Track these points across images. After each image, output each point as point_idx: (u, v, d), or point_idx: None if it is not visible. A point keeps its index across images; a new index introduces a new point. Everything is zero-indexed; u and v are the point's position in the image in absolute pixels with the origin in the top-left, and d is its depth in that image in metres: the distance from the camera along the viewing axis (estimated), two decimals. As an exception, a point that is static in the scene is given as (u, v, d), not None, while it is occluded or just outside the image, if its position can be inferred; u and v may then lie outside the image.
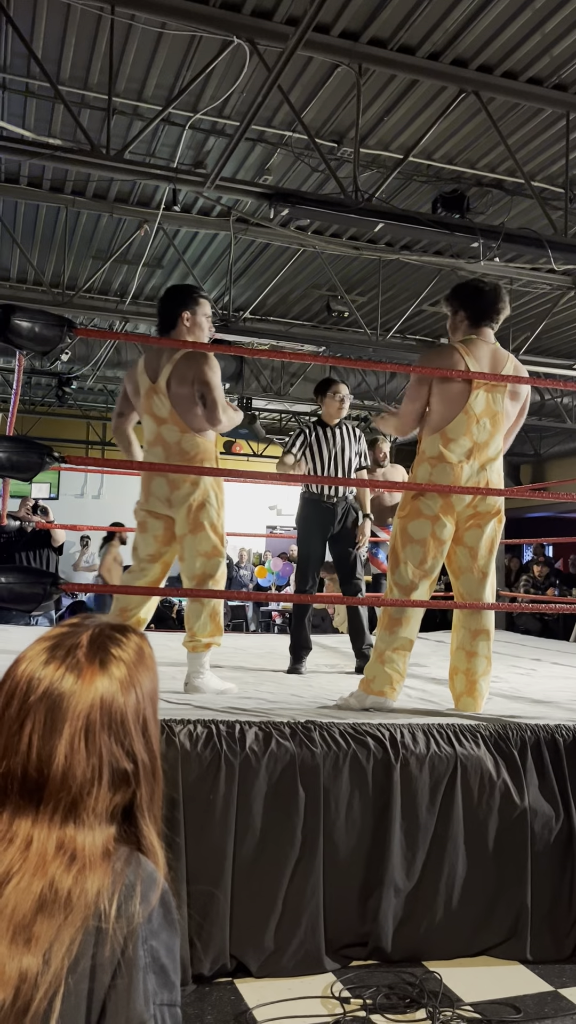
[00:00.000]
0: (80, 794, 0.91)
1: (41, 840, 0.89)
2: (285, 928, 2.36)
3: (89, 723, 0.92)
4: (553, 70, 4.98)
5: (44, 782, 0.91)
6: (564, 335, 9.66)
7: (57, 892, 0.86)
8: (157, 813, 0.99)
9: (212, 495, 3.36)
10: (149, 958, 0.87)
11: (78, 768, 0.91)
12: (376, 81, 5.13)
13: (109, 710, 0.93)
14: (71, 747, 0.91)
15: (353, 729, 2.55)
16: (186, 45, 4.81)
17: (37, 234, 7.46)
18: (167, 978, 0.89)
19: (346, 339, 8.79)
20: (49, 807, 0.91)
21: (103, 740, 0.92)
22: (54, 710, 0.92)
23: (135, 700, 0.96)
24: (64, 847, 0.89)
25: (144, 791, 0.96)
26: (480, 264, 6.26)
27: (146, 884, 0.91)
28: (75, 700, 0.92)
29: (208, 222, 6.84)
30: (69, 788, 0.91)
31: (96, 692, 0.93)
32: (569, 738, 2.73)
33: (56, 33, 4.78)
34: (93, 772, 0.92)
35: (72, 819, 0.91)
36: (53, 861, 0.88)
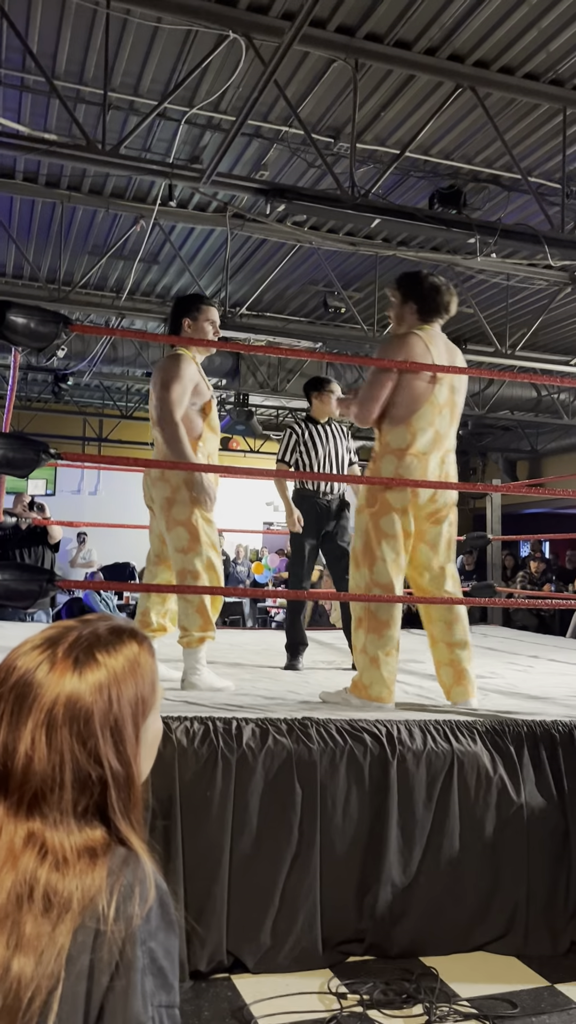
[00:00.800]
0: (42, 790, 0.90)
1: (9, 831, 0.89)
2: (282, 924, 2.37)
3: (51, 718, 0.91)
4: (550, 65, 4.97)
5: (8, 774, 0.90)
6: (561, 331, 9.67)
7: (33, 889, 0.86)
8: (136, 819, 0.97)
9: (184, 492, 3.32)
10: (147, 959, 0.87)
11: (38, 763, 0.90)
12: (372, 76, 5.12)
13: (73, 708, 0.91)
14: (32, 741, 0.90)
15: (350, 725, 2.55)
16: (182, 40, 4.79)
17: (33, 230, 7.44)
18: (165, 979, 0.89)
19: (343, 335, 8.78)
20: (14, 799, 0.90)
21: (64, 738, 0.91)
22: (22, 699, 0.91)
23: (106, 704, 0.93)
24: (33, 840, 0.89)
25: (115, 796, 0.94)
26: (477, 260, 6.25)
27: (144, 885, 0.90)
28: (41, 692, 0.91)
29: (204, 217, 6.82)
30: (31, 783, 0.90)
31: (62, 688, 0.92)
32: (565, 734, 2.73)
33: (51, 28, 4.76)
34: (54, 770, 0.90)
35: (37, 814, 0.90)
36: (23, 853, 0.88)
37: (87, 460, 3.11)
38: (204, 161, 5.96)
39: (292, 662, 4.29)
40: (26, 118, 5.58)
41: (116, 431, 14.27)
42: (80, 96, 5.39)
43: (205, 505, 3.35)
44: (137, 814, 0.97)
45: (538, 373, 9.26)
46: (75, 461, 3.20)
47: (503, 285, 7.94)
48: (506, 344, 8.54)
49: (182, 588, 3.29)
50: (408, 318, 3.22)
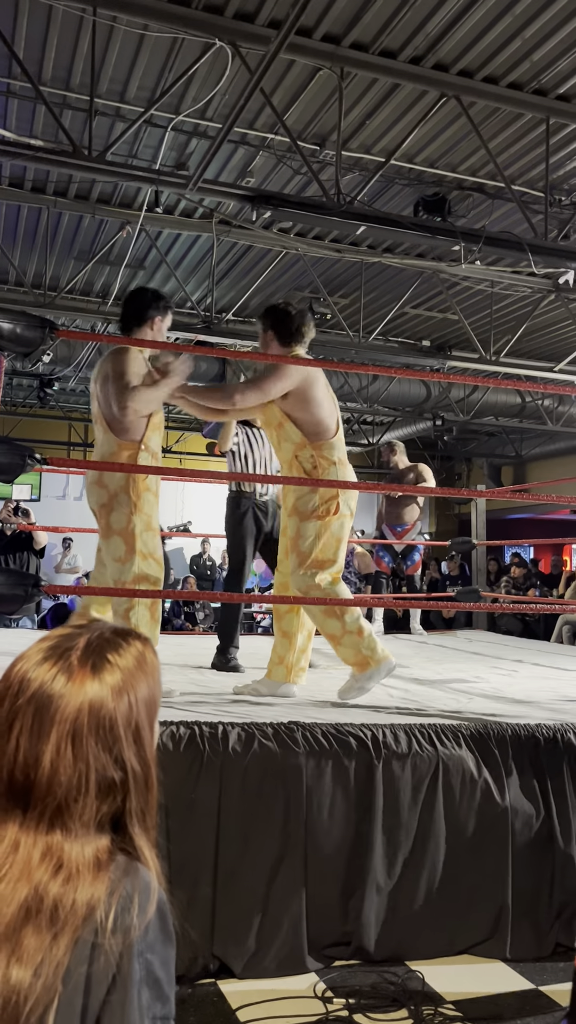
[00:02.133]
0: (66, 801, 0.89)
1: (27, 846, 0.88)
2: (268, 928, 2.37)
3: (76, 728, 0.90)
4: (533, 75, 5.03)
5: (31, 787, 0.89)
6: (545, 337, 9.74)
7: (43, 901, 0.85)
8: (151, 823, 0.97)
9: (122, 499, 3.20)
10: (144, 971, 0.86)
11: (64, 775, 0.89)
12: (358, 84, 5.15)
13: (98, 715, 0.91)
14: (57, 752, 0.89)
15: (335, 729, 2.56)
16: (168, 47, 4.81)
17: (19, 234, 7.43)
18: (161, 991, 0.88)
19: (328, 341, 8.81)
20: (35, 812, 0.89)
21: (90, 746, 0.90)
22: (42, 712, 0.90)
23: (127, 707, 0.94)
24: (50, 854, 0.88)
25: (135, 800, 0.94)
26: (461, 267, 6.30)
27: (144, 895, 0.89)
28: (63, 703, 0.90)
29: (190, 224, 6.83)
30: (55, 794, 0.89)
31: (85, 696, 0.91)
32: (550, 737, 2.76)
33: (38, 34, 4.77)
34: (80, 779, 0.90)
35: (59, 827, 0.89)
36: (38, 868, 0.87)
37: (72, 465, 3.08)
38: (190, 168, 5.97)
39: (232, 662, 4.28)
40: (12, 124, 5.58)
41: (102, 436, 14.22)
42: (66, 102, 5.40)
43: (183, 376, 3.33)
44: (152, 817, 0.97)
45: (522, 379, 9.33)
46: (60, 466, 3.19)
47: (487, 292, 8.00)
48: (490, 350, 8.60)
49: (172, 593, 3.28)
50: (271, 344, 3.44)
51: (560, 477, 12.99)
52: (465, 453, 15.25)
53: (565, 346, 9.64)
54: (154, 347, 3.34)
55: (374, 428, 14.14)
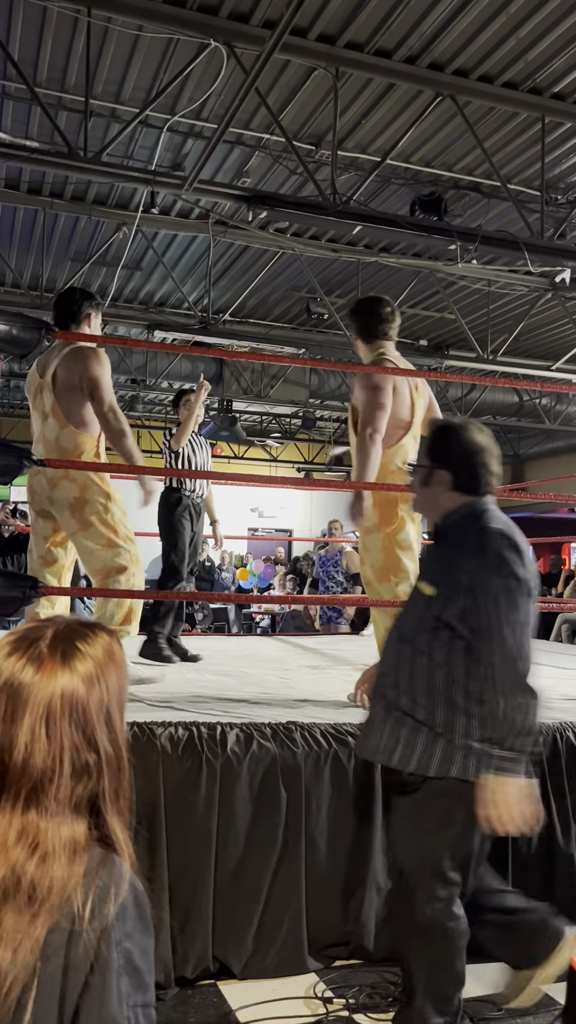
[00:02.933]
0: (41, 782, 0.91)
1: (2, 826, 0.89)
2: (267, 929, 2.37)
3: (50, 712, 0.92)
4: (528, 74, 5.03)
5: (4, 770, 0.91)
6: (542, 336, 9.74)
7: (20, 881, 0.86)
8: (124, 807, 0.99)
9: (94, 490, 3.25)
10: (123, 960, 0.87)
11: (38, 755, 0.91)
12: (353, 84, 5.15)
13: (71, 700, 0.93)
14: (31, 735, 0.91)
15: (334, 729, 2.56)
16: (163, 48, 4.81)
17: (15, 236, 7.42)
18: (141, 979, 0.89)
19: (326, 341, 8.81)
20: (11, 794, 0.90)
21: (64, 728, 0.92)
22: (14, 700, 0.92)
23: (99, 695, 0.96)
24: (26, 834, 0.89)
25: (108, 782, 0.96)
26: (458, 266, 6.30)
27: (120, 885, 0.91)
28: (35, 690, 0.92)
29: (187, 224, 6.83)
30: (30, 775, 0.90)
31: (57, 683, 0.93)
32: (548, 736, 2.75)
33: (33, 35, 4.76)
34: (54, 760, 0.91)
35: (34, 806, 0.91)
36: (15, 848, 0.88)
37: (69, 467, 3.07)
38: (186, 168, 5.97)
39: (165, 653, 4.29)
40: (7, 125, 5.57)
41: (100, 438, 14.21)
42: (62, 103, 5.39)
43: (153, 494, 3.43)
44: (124, 802, 0.98)
45: (519, 378, 9.33)
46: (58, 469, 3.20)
47: (484, 291, 8.00)
48: (487, 350, 8.60)
49: (170, 594, 3.28)
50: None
51: (558, 475, 13.01)
52: (463, 452, 15.23)
53: (562, 344, 9.64)
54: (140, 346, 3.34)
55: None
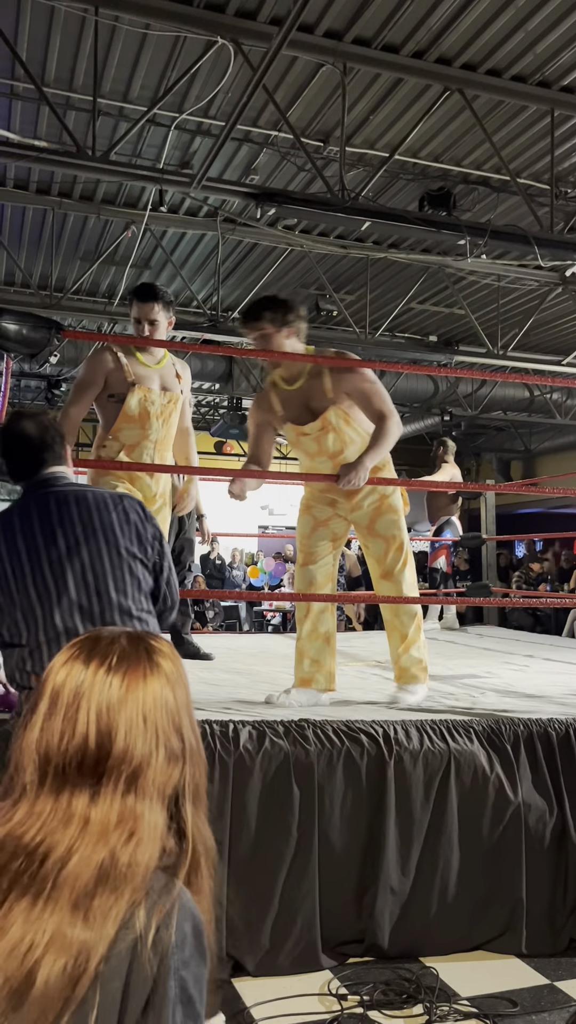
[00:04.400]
0: (141, 766, 0.95)
1: (103, 812, 0.92)
2: (281, 926, 2.37)
3: (145, 711, 0.97)
4: (537, 67, 5.00)
5: (106, 755, 0.94)
6: (552, 331, 9.70)
7: (117, 863, 0.89)
8: (203, 796, 1.03)
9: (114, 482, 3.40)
10: (178, 989, 0.88)
11: (139, 740, 0.95)
12: (361, 80, 5.14)
13: (164, 701, 0.99)
14: (131, 724, 0.96)
15: (347, 726, 2.55)
16: (171, 46, 4.80)
17: (24, 236, 7.44)
18: (193, 1009, 0.90)
19: (335, 338, 8.80)
20: (112, 779, 0.94)
21: (159, 719, 0.98)
22: (111, 701, 0.96)
23: (182, 692, 1.03)
24: (124, 819, 0.93)
25: (190, 773, 1.00)
26: (467, 261, 6.28)
27: (182, 914, 0.92)
28: (126, 705, 0.97)
29: (195, 222, 6.83)
30: (131, 760, 0.94)
31: (149, 689, 0.99)
32: (562, 732, 2.75)
33: (40, 35, 4.77)
34: (152, 745, 0.96)
35: (133, 791, 0.94)
36: (114, 832, 0.91)
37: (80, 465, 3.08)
38: (194, 166, 5.97)
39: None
40: (16, 126, 5.59)
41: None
42: (70, 103, 5.40)
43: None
44: (203, 792, 1.03)
45: (530, 373, 9.29)
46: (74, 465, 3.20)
47: (494, 286, 7.96)
48: (498, 345, 8.57)
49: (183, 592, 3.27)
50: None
51: (569, 471, 12.95)
52: (474, 448, 15.21)
53: (573, 339, 9.59)
54: (159, 346, 3.34)
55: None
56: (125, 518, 2.04)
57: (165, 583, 2.11)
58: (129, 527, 2.03)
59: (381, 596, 3.21)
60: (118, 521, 2.03)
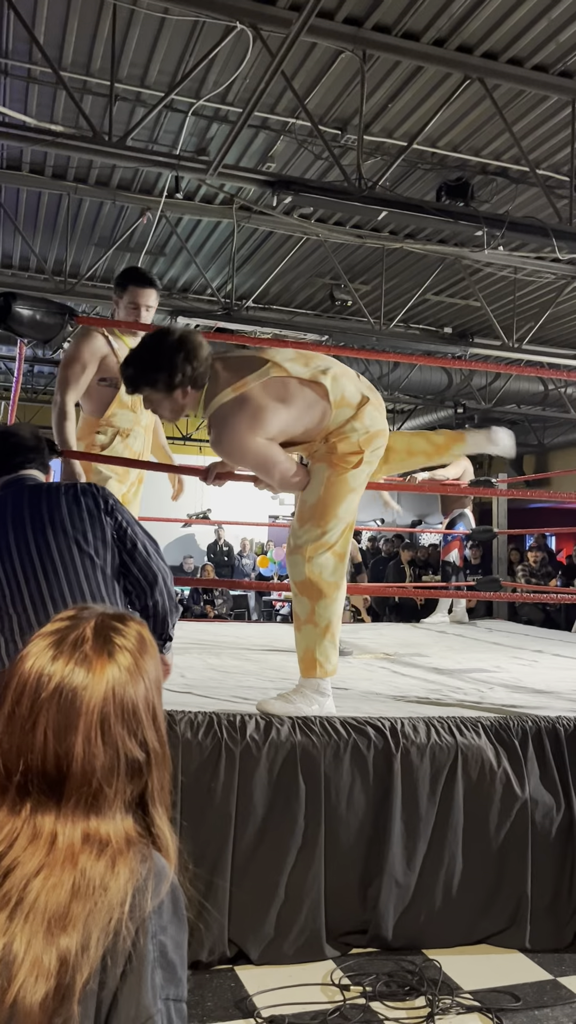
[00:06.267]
0: (100, 786, 0.92)
1: (67, 834, 0.91)
2: (286, 915, 2.37)
3: (103, 716, 0.93)
4: (559, 56, 4.94)
5: (64, 778, 0.92)
6: (569, 324, 9.62)
7: (90, 880, 0.88)
8: (167, 800, 1.00)
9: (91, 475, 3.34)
10: (157, 952, 0.89)
11: (97, 762, 0.92)
12: (380, 67, 5.09)
13: (121, 701, 0.95)
14: (88, 742, 0.92)
15: (354, 719, 2.55)
16: (189, 31, 4.77)
17: (39, 221, 7.43)
18: (174, 973, 0.90)
19: (349, 328, 8.76)
20: (71, 801, 0.92)
21: (118, 732, 0.94)
22: (67, 706, 0.93)
23: (144, 688, 0.97)
24: (90, 839, 0.91)
25: (155, 778, 0.98)
26: (484, 253, 6.22)
27: (157, 879, 0.92)
28: (88, 694, 0.93)
29: (211, 210, 6.81)
30: (90, 782, 0.92)
31: (108, 684, 0.94)
32: (570, 728, 2.73)
33: (58, 19, 4.75)
34: (112, 764, 0.93)
35: (95, 811, 0.92)
36: (82, 853, 0.90)
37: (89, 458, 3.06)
38: (211, 153, 5.94)
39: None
40: (33, 109, 5.57)
41: (122, 424, 14.26)
42: (87, 87, 5.38)
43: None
44: (167, 794, 1.00)
45: (545, 367, 9.23)
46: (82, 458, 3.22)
47: (510, 278, 7.90)
48: (513, 338, 8.51)
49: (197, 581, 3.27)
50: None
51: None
52: (486, 441, 15.12)
53: (589, 333, 9.52)
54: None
55: (395, 416, 14.07)
56: (78, 510, 2.00)
57: (139, 570, 2.00)
58: (82, 520, 1.98)
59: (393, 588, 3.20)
60: (69, 513, 1.98)
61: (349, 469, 2.67)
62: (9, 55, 5.09)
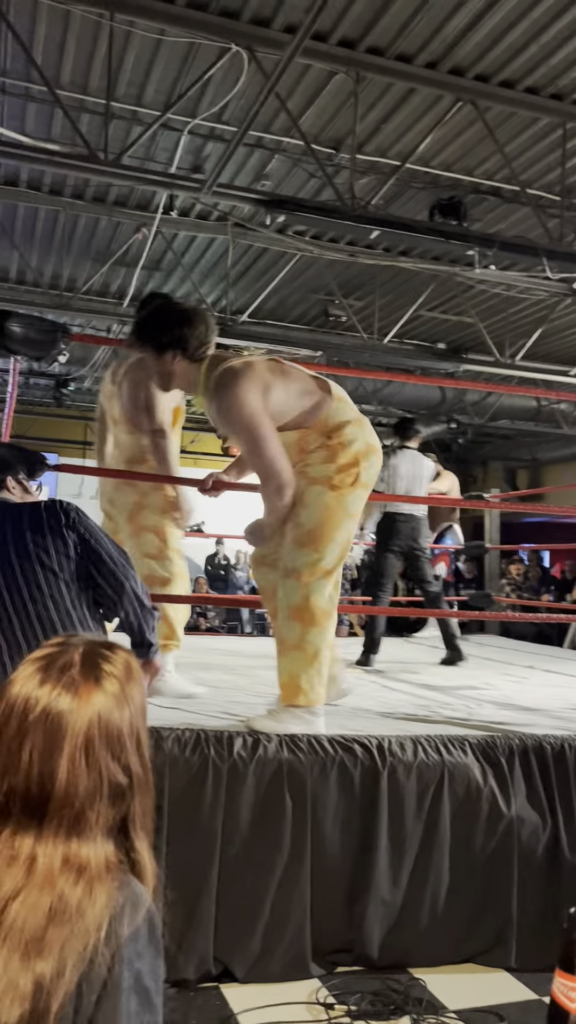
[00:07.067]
0: (83, 809, 0.93)
1: (47, 856, 0.91)
2: (272, 933, 2.38)
3: (88, 740, 0.94)
4: (550, 79, 5.01)
5: (47, 799, 0.93)
6: (562, 340, 9.68)
7: (67, 904, 0.89)
8: (149, 826, 1.01)
9: (156, 497, 3.28)
10: (133, 979, 0.89)
11: (80, 784, 0.93)
12: (373, 88, 5.15)
13: (107, 726, 0.96)
14: (72, 764, 0.93)
15: (341, 737, 2.56)
16: (184, 52, 4.82)
17: (36, 236, 7.48)
18: (149, 1000, 0.91)
19: (343, 343, 8.81)
20: (53, 823, 0.93)
21: (102, 756, 0.95)
22: (53, 730, 0.94)
23: (129, 715, 0.99)
24: (70, 862, 0.92)
25: (138, 804, 0.99)
26: (476, 271, 6.28)
27: (134, 905, 0.93)
28: (73, 718, 0.95)
29: (206, 226, 6.86)
30: (72, 804, 0.93)
31: (93, 709, 0.96)
32: (557, 746, 2.75)
33: (55, 38, 4.80)
34: (95, 787, 0.94)
35: (76, 834, 0.93)
36: (60, 876, 0.90)
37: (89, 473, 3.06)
38: (206, 170, 5.99)
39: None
40: (30, 127, 5.62)
41: (117, 436, 14.29)
42: (83, 106, 5.43)
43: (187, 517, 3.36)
44: (149, 820, 1.01)
45: (537, 383, 9.28)
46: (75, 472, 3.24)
47: (503, 295, 7.96)
48: (506, 354, 8.56)
49: (175, 598, 3.29)
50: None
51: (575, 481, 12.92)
52: (480, 456, 15.18)
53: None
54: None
55: (389, 430, 14.12)
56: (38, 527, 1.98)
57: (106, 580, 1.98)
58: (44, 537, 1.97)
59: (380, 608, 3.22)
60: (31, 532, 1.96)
61: (347, 492, 2.67)
62: (6, 74, 5.14)
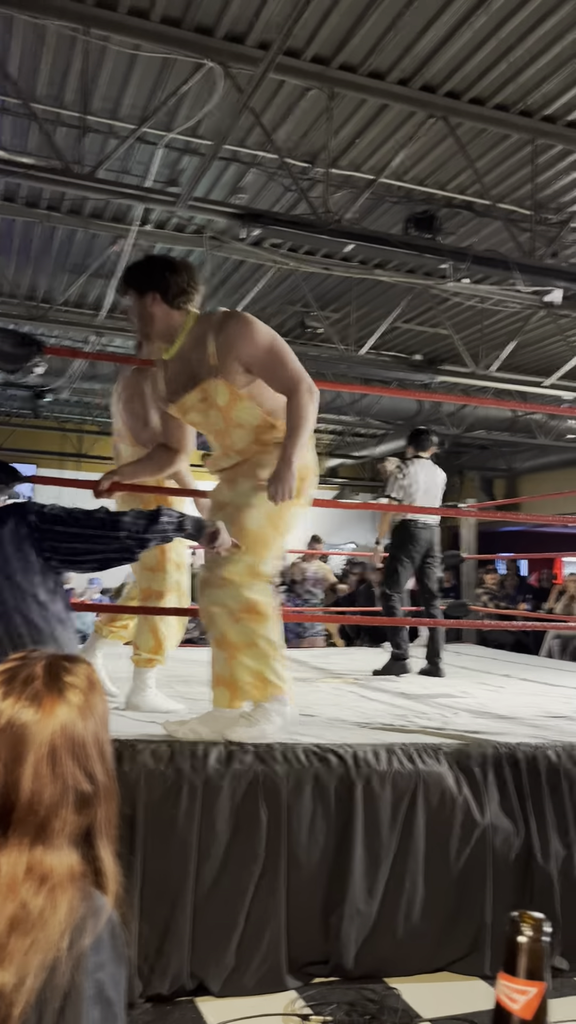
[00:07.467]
0: (48, 817, 0.94)
1: (10, 864, 0.92)
2: (247, 946, 2.38)
3: (53, 749, 0.96)
4: (519, 97, 5.10)
5: (11, 808, 0.94)
6: (536, 351, 9.80)
7: (29, 912, 0.89)
8: (113, 833, 1.02)
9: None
10: (95, 990, 0.90)
11: (45, 793, 0.94)
12: (347, 104, 5.21)
13: (71, 736, 0.97)
14: (37, 773, 0.94)
15: (316, 747, 2.57)
16: (160, 66, 4.86)
17: (12, 247, 7.47)
18: (111, 1010, 0.92)
19: (320, 355, 8.86)
20: (17, 832, 0.94)
21: (67, 765, 0.96)
22: (17, 741, 0.95)
23: (93, 724, 1.00)
24: (33, 871, 0.92)
25: (103, 812, 1.00)
26: (450, 284, 6.36)
27: (96, 915, 0.94)
28: (37, 729, 0.96)
29: (182, 239, 6.89)
30: (37, 812, 0.94)
31: (57, 720, 0.97)
32: (530, 755, 2.77)
33: (31, 52, 4.82)
34: (60, 796, 0.95)
35: (41, 842, 0.94)
36: (23, 884, 0.91)
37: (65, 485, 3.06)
38: (183, 183, 6.02)
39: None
40: (5, 141, 5.62)
41: (96, 447, 14.25)
42: (60, 119, 5.44)
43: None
44: (113, 827, 1.02)
45: (513, 394, 9.38)
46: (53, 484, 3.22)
47: (478, 307, 8.06)
48: (481, 364, 8.66)
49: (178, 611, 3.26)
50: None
51: (551, 490, 13.06)
52: (457, 466, 15.29)
53: (556, 360, 9.70)
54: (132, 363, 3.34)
55: (366, 441, 14.19)
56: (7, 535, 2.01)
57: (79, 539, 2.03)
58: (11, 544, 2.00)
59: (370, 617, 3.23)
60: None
61: (293, 504, 2.65)
62: (-19, 87, 5.15)
